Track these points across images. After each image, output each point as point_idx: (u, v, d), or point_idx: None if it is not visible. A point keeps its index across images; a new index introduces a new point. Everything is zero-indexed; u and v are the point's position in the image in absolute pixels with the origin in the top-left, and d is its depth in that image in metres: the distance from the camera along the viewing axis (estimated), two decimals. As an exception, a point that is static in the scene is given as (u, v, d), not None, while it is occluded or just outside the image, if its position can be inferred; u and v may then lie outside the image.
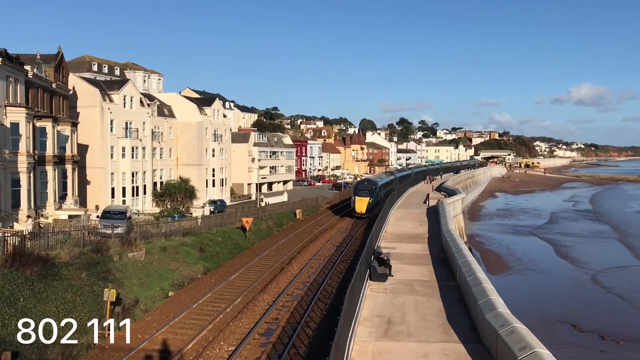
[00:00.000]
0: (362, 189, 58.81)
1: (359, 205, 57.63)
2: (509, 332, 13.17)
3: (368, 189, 58.37)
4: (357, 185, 61.45)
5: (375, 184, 59.82)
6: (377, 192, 58.45)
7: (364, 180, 65.11)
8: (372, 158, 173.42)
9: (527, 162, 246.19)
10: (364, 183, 61.06)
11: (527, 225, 76.12)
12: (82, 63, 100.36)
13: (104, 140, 58.20)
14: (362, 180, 66.69)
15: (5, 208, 36.48)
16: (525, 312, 27.75)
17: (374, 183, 60.25)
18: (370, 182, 61.15)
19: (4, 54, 38.50)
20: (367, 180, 63.55)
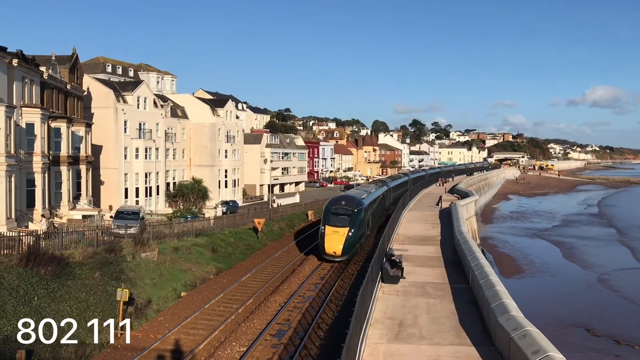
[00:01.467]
0: (337, 212, 37.78)
1: (330, 241, 36.48)
2: (522, 336, 13.06)
3: (346, 212, 37.52)
4: (330, 206, 38.85)
5: (358, 204, 38.62)
6: (361, 217, 37.77)
7: (342, 197, 40.59)
8: (385, 160, 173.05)
9: (541, 165, 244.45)
10: (340, 202, 38.73)
11: (540, 228, 75.53)
12: (96, 64, 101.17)
13: (117, 141, 58.60)
14: (340, 197, 40.81)
15: (20, 208, 36.84)
16: (539, 315, 27.53)
17: (355, 202, 38.77)
18: (351, 200, 39.12)
19: (20, 56, 38.91)
20: (346, 198, 40.09)
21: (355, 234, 36.74)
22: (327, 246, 36.52)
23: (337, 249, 36.10)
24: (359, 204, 38.62)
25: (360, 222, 37.49)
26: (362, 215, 37.85)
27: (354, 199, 39.35)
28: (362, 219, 37.79)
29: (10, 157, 34.49)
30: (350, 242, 36.43)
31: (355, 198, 39.79)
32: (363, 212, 38.17)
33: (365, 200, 40.55)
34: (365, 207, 38.93)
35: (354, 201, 38.87)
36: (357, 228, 36.93)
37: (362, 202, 39.13)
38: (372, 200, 43.55)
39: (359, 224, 37.35)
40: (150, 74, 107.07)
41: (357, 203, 38.65)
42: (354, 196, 40.60)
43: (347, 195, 41.03)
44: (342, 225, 36.53)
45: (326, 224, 37.16)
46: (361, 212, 37.89)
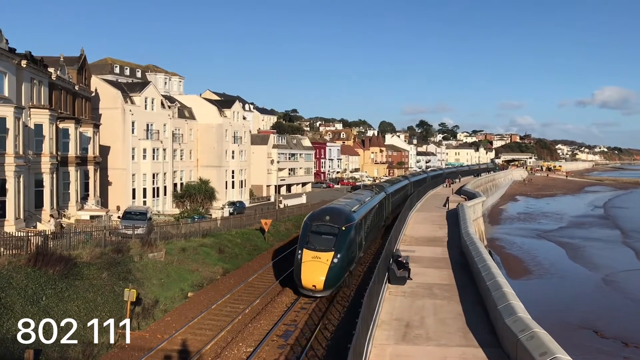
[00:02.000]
0: (319, 230, 28.88)
1: (309, 271, 27.52)
2: (529, 337, 13.02)
3: (331, 231, 28.60)
4: (310, 222, 29.71)
5: (347, 219, 29.63)
6: (350, 237, 28.91)
7: (326, 210, 30.99)
8: (392, 160, 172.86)
9: (548, 166, 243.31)
10: (323, 217, 29.60)
11: (548, 229, 75.18)
12: (104, 65, 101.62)
13: (125, 142, 58.84)
14: (324, 210, 31.30)
15: (28, 208, 37.05)
16: (546, 317, 27.40)
17: (344, 217, 29.69)
18: (338, 214, 29.96)
19: (28, 57, 39.15)
20: (332, 211, 30.64)
21: (343, 259, 27.73)
22: (305, 277, 27.40)
23: (318, 281, 27.11)
24: (348, 219, 29.50)
25: (349, 244, 28.57)
26: (352, 234, 28.93)
27: (342, 213, 30.22)
28: (352, 239, 28.90)
29: (19, 157, 34.71)
30: (336, 271, 27.38)
31: (344, 211, 30.72)
32: (354, 230, 29.27)
33: (356, 213, 31.68)
34: (356, 224, 29.84)
35: (342, 215, 29.73)
36: (345, 252, 27.91)
37: (352, 217, 30.07)
38: (366, 212, 34.69)
39: (349, 246, 28.44)
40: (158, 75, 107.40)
41: (346, 218, 29.55)
42: (341, 209, 31.36)
43: (333, 208, 31.65)
44: (325, 249, 27.69)
45: (304, 247, 28.17)
46: (351, 230, 28.90)
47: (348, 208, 32.03)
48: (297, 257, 28.32)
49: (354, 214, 31.05)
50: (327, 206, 33.91)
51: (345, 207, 32.05)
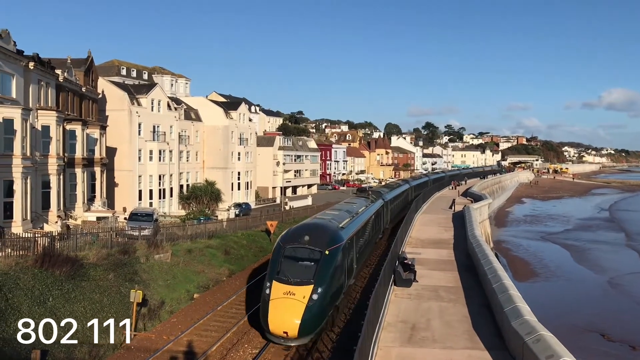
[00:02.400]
0: (296, 255, 22.12)
1: (279, 312, 20.68)
2: (536, 340, 12.97)
3: (311, 256, 21.89)
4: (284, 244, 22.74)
5: (333, 239, 23.04)
6: (336, 263, 22.21)
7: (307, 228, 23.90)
8: (397, 162, 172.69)
9: (555, 168, 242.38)
10: (300, 237, 22.52)
11: (554, 232, 74.91)
12: (111, 67, 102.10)
13: (132, 143, 59.04)
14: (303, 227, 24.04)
15: (35, 209, 37.23)
16: (553, 319, 27.31)
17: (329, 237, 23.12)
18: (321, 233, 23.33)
19: (36, 59, 39.36)
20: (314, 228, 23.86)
21: (326, 294, 20.70)
22: (274, 320, 20.43)
23: (291, 326, 20.09)
24: (334, 238, 22.65)
25: (335, 272, 21.67)
26: (338, 259, 21.98)
27: (326, 231, 23.31)
28: (338, 266, 21.93)
29: (26, 159, 34.88)
30: (316, 311, 20.43)
31: (329, 228, 23.82)
32: (341, 254, 22.29)
33: (346, 229, 24.98)
34: (345, 244, 23.03)
35: (326, 234, 22.83)
36: (329, 283, 20.97)
37: (339, 236, 23.20)
38: (359, 227, 28.04)
39: (334, 275, 21.49)
40: (164, 76, 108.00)
41: (332, 238, 22.63)
42: (326, 225, 24.37)
43: (315, 225, 24.41)
44: (301, 282, 20.69)
45: (274, 278, 21.07)
46: (337, 253, 21.95)
47: (335, 223, 24.97)
48: (265, 292, 21.13)
49: (342, 232, 24.05)
50: (307, 222, 26.01)
51: (331, 223, 24.90)
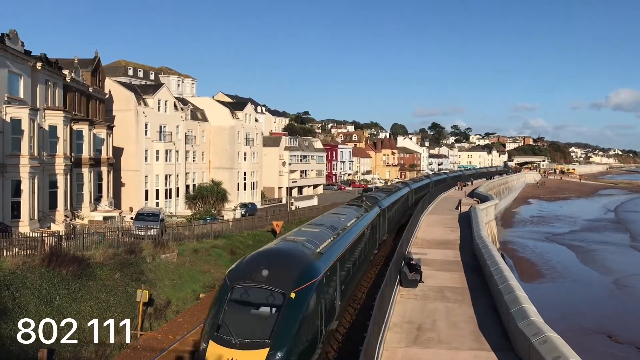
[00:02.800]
0: (244, 299, 14.43)
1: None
2: (542, 341, 12.91)
3: (268, 301, 14.28)
4: (233, 284, 14.81)
5: (303, 274, 15.41)
6: (308, 308, 14.75)
7: (265, 256, 16.27)
8: (404, 163, 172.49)
9: (562, 169, 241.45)
10: (257, 271, 14.74)
11: (561, 233, 74.58)
12: (118, 67, 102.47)
13: (138, 143, 59.23)
14: (260, 256, 16.26)
15: (42, 209, 37.40)
16: (559, 321, 27.20)
17: (298, 271, 15.43)
18: (285, 263, 15.84)
19: (43, 59, 39.55)
20: (276, 256, 16.43)
21: (291, 355, 13.85)
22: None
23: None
24: (305, 273, 15.80)
25: (305, 322, 14.75)
26: (311, 303, 15.19)
27: (296, 261, 16.45)
28: (309, 313, 15.14)
29: (34, 159, 35.05)
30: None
31: (299, 257, 16.86)
32: (314, 295, 15.48)
33: (325, 257, 18.22)
34: (321, 280, 16.34)
35: (295, 267, 15.93)
36: (295, 342, 14.08)
37: (312, 269, 16.38)
38: (345, 249, 21.61)
39: (302, 327, 14.51)
40: (171, 77, 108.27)
41: (303, 272, 15.78)
42: (296, 252, 17.26)
43: (280, 252, 17.24)
44: (251, 343, 13.74)
45: (212, 337, 14.07)
46: (309, 294, 15.19)
47: (309, 249, 17.76)
48: (199, 356, 14.06)
49: (318, 261, 17.09)
50: (270, 247, 18.11)
51: (304, 248, 17.66)
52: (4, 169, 32.62)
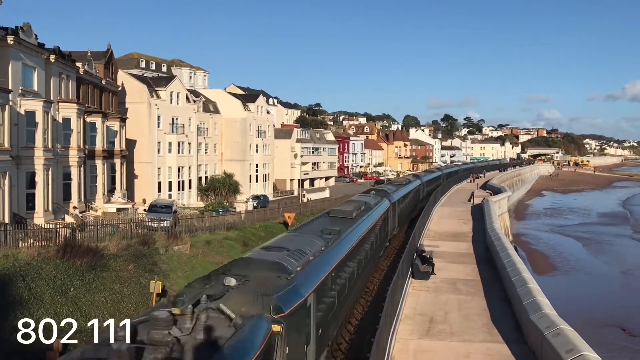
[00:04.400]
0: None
1: None
2: (555, 334, 12.85)
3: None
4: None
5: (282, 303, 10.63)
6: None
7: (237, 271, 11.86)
8: (416, 155, 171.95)
9: (576, 161, 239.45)
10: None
11: (574, 225, 74.08)
12: (130, 60, 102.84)
13: (151, 136, 59.51)
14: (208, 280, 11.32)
15: (57, 201, 37.74)
16: (573, 313, 27.06)
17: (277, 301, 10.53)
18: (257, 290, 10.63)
19: (57, 52, 39.77)
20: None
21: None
22: None
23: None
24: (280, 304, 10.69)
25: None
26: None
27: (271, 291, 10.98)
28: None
29: (48, 151, 35.33)
30: None
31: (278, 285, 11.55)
32: (283, 340, 10.42)
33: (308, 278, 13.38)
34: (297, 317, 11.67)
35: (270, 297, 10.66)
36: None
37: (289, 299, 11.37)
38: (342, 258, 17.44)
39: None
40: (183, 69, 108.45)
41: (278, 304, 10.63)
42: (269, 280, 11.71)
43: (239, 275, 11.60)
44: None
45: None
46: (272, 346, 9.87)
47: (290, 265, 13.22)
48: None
49: (293, 291, 11.95)
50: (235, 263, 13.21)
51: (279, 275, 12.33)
52: (19, 160, 32.91)
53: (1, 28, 32.30)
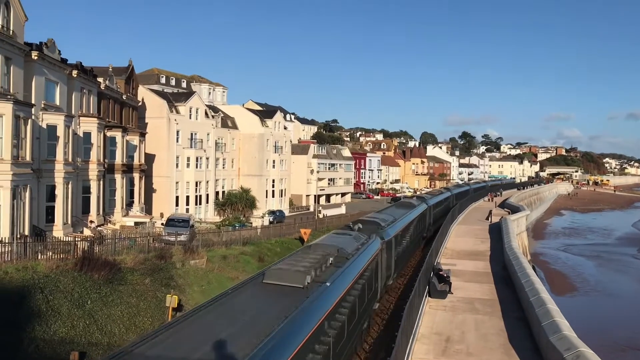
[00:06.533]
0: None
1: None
2: (575, 357, 12.62)
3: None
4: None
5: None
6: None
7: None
8: (433, 172, 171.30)
9: (595, 180, 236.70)
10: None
11: (594, 245, 73.01)
12: (151, 75, 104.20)
13: (170, 150, 60.03)
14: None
15: (76, 214, 38.13)
16: (593, 336, 26.57)
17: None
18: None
19: (79, 67, 40.48)
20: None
21: None
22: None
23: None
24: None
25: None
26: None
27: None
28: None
29: (68, 164, 35.79)
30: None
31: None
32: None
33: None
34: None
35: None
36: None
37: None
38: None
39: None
40: (202, 85, 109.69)
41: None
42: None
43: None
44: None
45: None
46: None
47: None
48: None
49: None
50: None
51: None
52: (39, 173, 33.38)
53: (26, 44, 32.98)
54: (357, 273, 17.79)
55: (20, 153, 29.69)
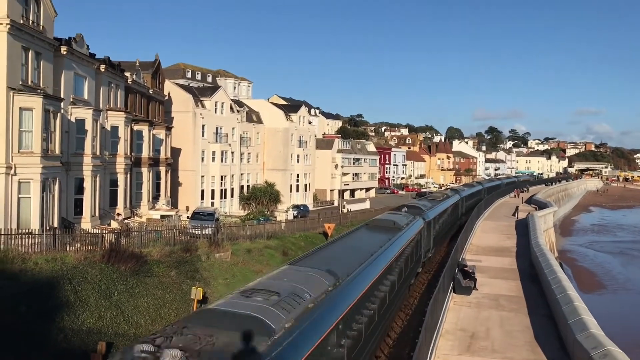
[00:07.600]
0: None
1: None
2: (603, 355, 12.40)
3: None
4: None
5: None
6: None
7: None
8: (459, 167, 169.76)
9: (625, 176, 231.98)
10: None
11: (624, 243, 71.62)
12: (177, 70, 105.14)
13: (195, 144, 60.55)
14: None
15: (103, 206, 38.72)
16: (621, 334, 26.06)
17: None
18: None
19: (107, 62, 41.01)
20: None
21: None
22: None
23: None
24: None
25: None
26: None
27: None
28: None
29: (96, 157, 36.34)
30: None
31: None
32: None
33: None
34: None
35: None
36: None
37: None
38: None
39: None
40: (228, 79, 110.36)
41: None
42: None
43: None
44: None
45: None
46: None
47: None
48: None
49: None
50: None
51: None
52: (68, 167, 33.95)
53: (55, 39, 33.50)
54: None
55: (50, 146, 30.23)
